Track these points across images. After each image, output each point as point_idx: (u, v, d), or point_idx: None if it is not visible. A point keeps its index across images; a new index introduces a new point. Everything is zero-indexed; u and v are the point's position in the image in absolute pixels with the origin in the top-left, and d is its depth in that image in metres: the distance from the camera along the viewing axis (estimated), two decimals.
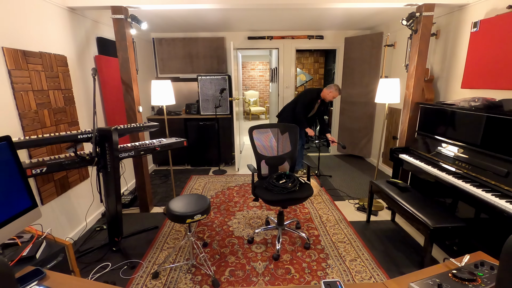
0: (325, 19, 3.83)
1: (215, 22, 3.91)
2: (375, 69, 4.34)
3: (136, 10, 2.71)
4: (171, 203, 1.97)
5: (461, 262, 1.03)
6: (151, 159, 4.53)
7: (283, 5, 2.70)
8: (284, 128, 2.59)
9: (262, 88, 9.88)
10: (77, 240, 2.50)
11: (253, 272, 2.08)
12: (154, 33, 4.62)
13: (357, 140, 4.88)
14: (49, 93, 2.26)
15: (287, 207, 2.46)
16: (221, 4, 2.66)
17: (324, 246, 2.39)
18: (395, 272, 2.07)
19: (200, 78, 4.28)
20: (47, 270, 1.06)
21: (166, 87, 2.98)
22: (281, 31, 4.69)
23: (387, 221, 2.81)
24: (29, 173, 1.72)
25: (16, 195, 1.13)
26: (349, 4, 2.70)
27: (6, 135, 1.12)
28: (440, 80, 2.99)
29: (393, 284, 0.99)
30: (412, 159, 2.48)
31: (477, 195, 1.74)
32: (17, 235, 1.41)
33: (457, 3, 2.61)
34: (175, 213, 1.86)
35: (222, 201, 3.28)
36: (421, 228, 1.94)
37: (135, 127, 2.42)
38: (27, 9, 2.08)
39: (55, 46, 2.36)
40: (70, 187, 2.49)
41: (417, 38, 2.69)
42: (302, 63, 7.71)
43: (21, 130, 1.99)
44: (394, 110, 3.91)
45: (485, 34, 2.33)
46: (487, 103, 2.03)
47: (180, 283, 1.96)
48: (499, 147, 1.86)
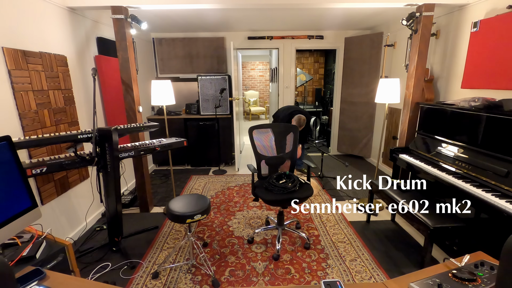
0: (325, 19, 3.83)
1: (215, 22, 3.91)
2: (375, 69, 4.34)
3: (136, 10, 2.71)
4: (171, 203, 1.97)
5: (461, 262, 1.03)
6: (151, 159, 4.53)
7: (283, 5, 2.70)
8: (284, 129, 2.59)
9: (262, 88, 9.88)
10: (77, 240, 2.50)
11: (253, 272, 2.08)
12: (154, 33, 4.62)
13: (357, 140, 4.88)
14: (49, 93, 2.26)
15: (287, 207, 2.46)
16: (221, 4, 2.66)
17: (324, 246, 2.39)
18: (395, 272, 2.07)
19: (200, 78, 4.28)
20: (47, 270, 1.06)
21: (166, 87, 2.98)
22: (281, 31, 4.69)
23: (387, 221, 2.81)
24: (29, 173, 1.72)
25: (16, 195, 1.13)
26: (349, 4, 2.70)
27: (6, 135, 1.12)
28: (440, 80, 2.99)
29: (393, 284, 0.99)
30: (412, 159, 2.48)
31: (477, 195, 1.74)
32: (17, 235, 1.41)
33: (457, 3, 2.61)
34: (175, 213, 1.86)
35: (222, 201, 3.28)
36: (421, 228, 1.94)
37: (135, 127, 2.42)
38: (27, 9, 2.08)
39: (55, 46, 2.36)
40: (70, 187, 2.49)
41: (417, 38, 2.68)
42: (302, 63, 7.71)
43: (21, 130, 1.99)
44: (394, 110, 3.91)
45: (485, 34, 2.33)
46: (487, 103, 2.03)
47: (180, 283, 1.96)
48: (499, 147, 1.86)
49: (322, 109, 6.72)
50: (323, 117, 6.56)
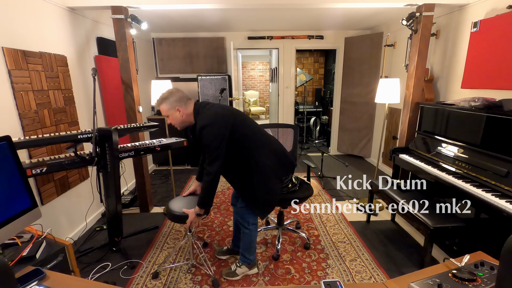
0: (325, 19, 3.83)
1: (215, 22, 3.91)
2: (375, 69, 4.34)
3: (136, 10, 2.71)
4: (171, 203, 1.97)
5: (461, 262, 1.03)
6: (151, 159, 4.53)
7: (283, 5, 2.70)
8: (285, 129, 2.59)
9: (262, 88, 9.88)
10: (77, 240, 2.50)
11: None
12: (154, 33, 4.62)
13: (357, 140, 4.88)
14: (49, 93, 2.26)
15: (287, 207, 2.46)
16: (221, 4, 2.66)
17: (324, 246, 2.39)
18: (395, 272, 2.07)
19: (200, 78, 4.28)
20: (47, 270, 1.06)
21: (166, 87, 2.98)
22: (281, 31, 4.69)
23: (387, 221, 2.80)
24: (29, 173, 1.71)
25: (16, 195, 1.13)
26: (349, 4, 2.70)
27: (6, 135, 1.11)
28: (440, 80, 2.99)
29: (393, 284, 0.99)
30: (412, 159, 2.48)
31: (477, 195, 1.74)
32: (17, 235, 1.41)
33: (457, 3, 2.61)
34: (176, 213, 1.86)
35: (222, 201, 3.28)
36: (421, 228, 1.94)
37: (135, 127, 2.41)
38: (27, 9, 2.08)
39: (55, 46, 2.36)
40: (70, 187, 2.49)
41: (417, 38, 2.68)
42: (302, 63, 7.71)
43: (21, 130, 1.99)
44: (394, 110, 3.91)
45: (485, 34, 2.33)
46: (487, 103, 2.03)
47: (180, 283, 1.96)
48: (499, 147, 1.86)
49: (322, 109, 6.72)
50: (323, 117, 6.56)
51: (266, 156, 1.79)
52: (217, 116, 1.65)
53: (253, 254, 2.01)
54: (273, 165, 1.82)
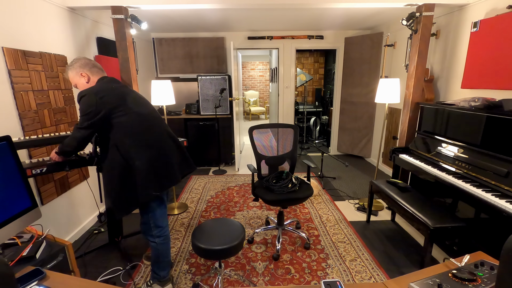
0: (325, 19, 3.83)
1: (215, 22, 3.91)
2: (375, 69, 4.34)
3: (136, 10, 2.71)
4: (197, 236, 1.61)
5: (461, 262, 1.03)
6: None
7: (283, 5, 2.70)
8: (284, 129, 2.59)
9: (262, 88, 9.88)
10: (77, 240, 2.50)
11: (253, 272, 2.08)
12: (154, 33, 4.62)
13: (357, 140, 4.88)
14: (49, 93, 2.26)
15: (287, 207, 2.46)
16: (221, 4, 2.66)
17: (324, 246, 2.39)
18: (395, 272, 2.07)
19: (200, 78, 4.28)
20: (47, 270, 1.06)
21: (166, 87, 2.97)
22: (281, 31, 4.69)
23: (387, 221, 2.81)
24: (29, 173, 1.71)
25: (16, 195, 1.13)
26: (349, 4, 2.70)
27: (6, 135, 1.12)
28: (440, 80, 2.99)
29: (393, 284, 0.99)
30: (412, 159, 2.48)
31: (477, 195, 1.74)
32: (17, 235, 1.41)
33: (457, 3, 2.61)
34: (201, 247, 1.52)
35: (222, 201, 3.28)
36: (421, 228, 1.94)
37: None
38: (27, 9, 2.08)
39: (55, 46, 2.36)
40: (70, 187, 2.49)
41: (417, 38, 2.68)
42: (302, 63, 7.71)
43: (21, 130, 1.99)
44: (394, 110, 3.91)
45: (485, 34, 2.33)
46: (487, 103, 2.03)
47: (180, 283, 1.96)
48: (499, 147, 1.86)
49: (322, 109, 6.72)
50: (323, 117, 6.56)
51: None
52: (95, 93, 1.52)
53: (164, 270, 1.82)
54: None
